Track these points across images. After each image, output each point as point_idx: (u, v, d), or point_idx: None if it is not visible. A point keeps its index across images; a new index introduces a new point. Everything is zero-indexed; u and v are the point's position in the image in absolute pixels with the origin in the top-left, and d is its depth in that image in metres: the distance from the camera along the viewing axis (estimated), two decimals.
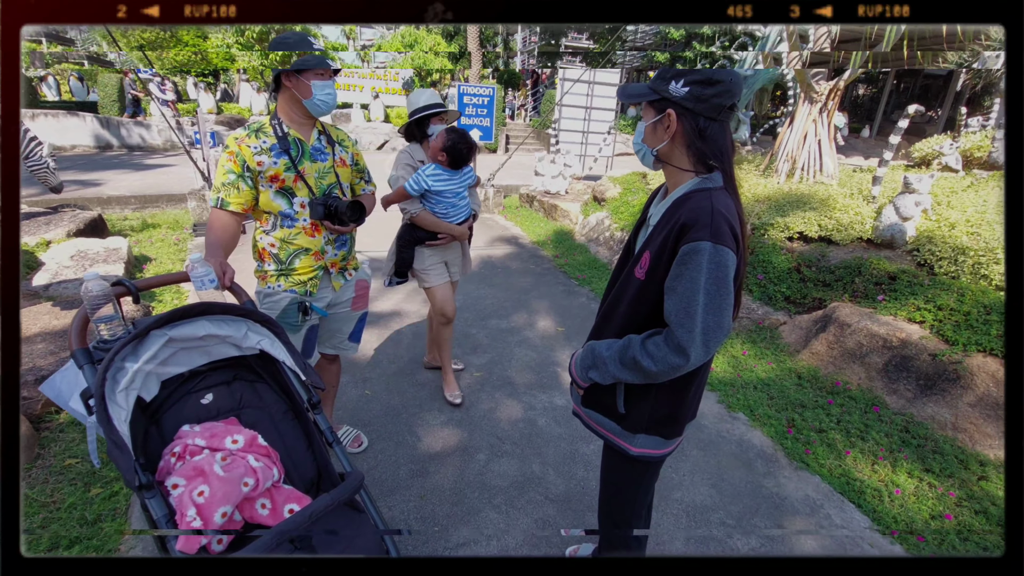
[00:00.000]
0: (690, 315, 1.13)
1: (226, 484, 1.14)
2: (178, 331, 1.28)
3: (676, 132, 1.21)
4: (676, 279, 1.16)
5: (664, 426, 1.36)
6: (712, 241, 1.12)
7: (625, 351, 1.25)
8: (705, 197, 1.17)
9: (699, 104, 1.16)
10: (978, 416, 2.67)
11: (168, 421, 1.33)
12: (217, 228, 1.78)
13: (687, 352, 1.14)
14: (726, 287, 1.13)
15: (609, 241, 5.75)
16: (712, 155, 1.20)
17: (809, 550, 2.06)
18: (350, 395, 2.92)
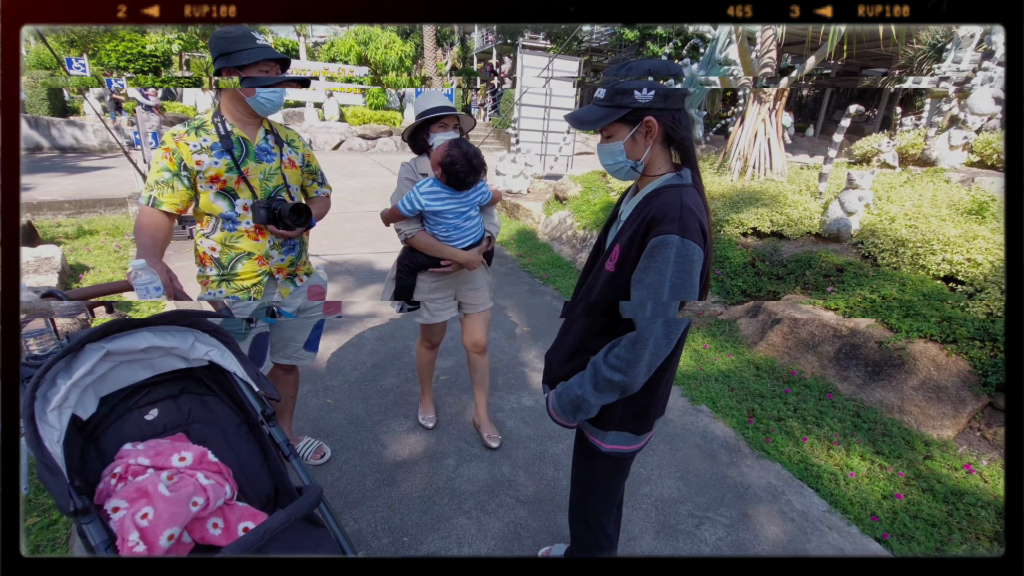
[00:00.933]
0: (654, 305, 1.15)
1: (172, 504, 1.06)
2: (117, 344, 1.18)
3: (657, 134, 1.21)
4: (643, 271, 1.17)
5: (635, 422, 1.36)
6: (680, 235, 1.12)
7: (596, 377, 1.24)
8: (675, 192, 1.18)
9: (668, 101, 1.17)
10: (921, 399, 2.82)
11: (108, 440, 1.23)
12: (149, 227, 1.66)
13: (643, 343, 1.15)
14: (691, 280, 1.14)
15: (572, 239, 5.79)
16: (686, 142, 1.22)
17: (772, 536, 2.12)
18: (310, 405, 2.81)
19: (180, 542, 1.09)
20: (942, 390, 2.80)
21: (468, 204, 2.12)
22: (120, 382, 1.25)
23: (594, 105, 1.24)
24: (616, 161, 1.27)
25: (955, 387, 2.78)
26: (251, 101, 1.71)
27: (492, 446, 2.54)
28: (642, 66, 1.19)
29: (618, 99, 1.18)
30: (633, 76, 1.18)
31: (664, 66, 1.19)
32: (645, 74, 1.18)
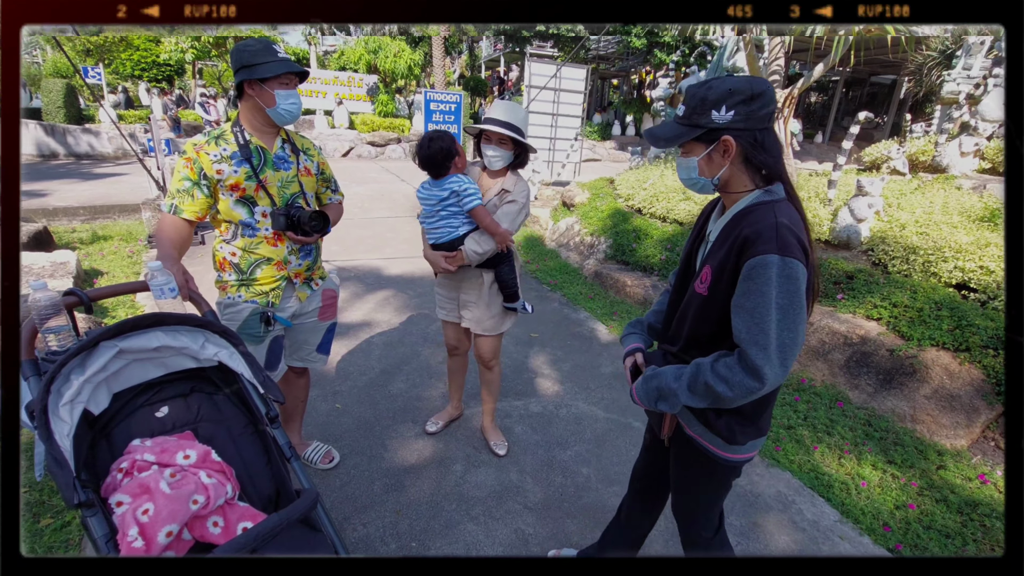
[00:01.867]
0: (764, 332, 1.07)
1: (172, 502, 1.07)
2: (130, 342, 1.20)
3: (735, 154, 1.18)
4: (744, 296, 1.11)
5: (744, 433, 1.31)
6: (780, 254, 1.07)
7: (696, 379, 1.18)
8: (768, 210, 1.14)
9: (749, 121, 1.14)
10: (934, 408, 2.78)
11: (119, 435, 1.25)
12: (170, 232, 1.71)
13: (762, 372, 1.08)
14: (799, 301, 1.08)
15: (579, 246, 5.79)
16: (771, 162, 1.17)
17: (783, 546, 2.09)
18: (320, 409, 2.82)
19: (179, 539, 1.11)
20: (955, 399, 2.76)
21: (435, 198, 2.08)
22: (133, 379, 1.28)
23: (674, 122, 1.24)
24: (690, 176, 1.26)
25: (968, 396, 2.74)
26: (271, 112, 1.75)
27: (499, 453, 2.53)
28: (723, 85, 1.15)
29: (695, 118, 1.17)
30: (714, 95, 1.15)
31: (748, 84, 1.14)
32: (726, 94, 1.14)
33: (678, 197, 5.28)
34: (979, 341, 2.82)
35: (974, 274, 3.20)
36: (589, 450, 2.62)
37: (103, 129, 12.37)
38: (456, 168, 2.07)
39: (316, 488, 1.24)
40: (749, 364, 1.09)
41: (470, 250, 2.08)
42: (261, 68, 1.67)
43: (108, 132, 12.21)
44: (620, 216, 5.59)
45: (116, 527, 1.04)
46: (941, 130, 6.14)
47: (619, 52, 18.92)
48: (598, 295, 4.74)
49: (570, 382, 3.26)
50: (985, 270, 3.18)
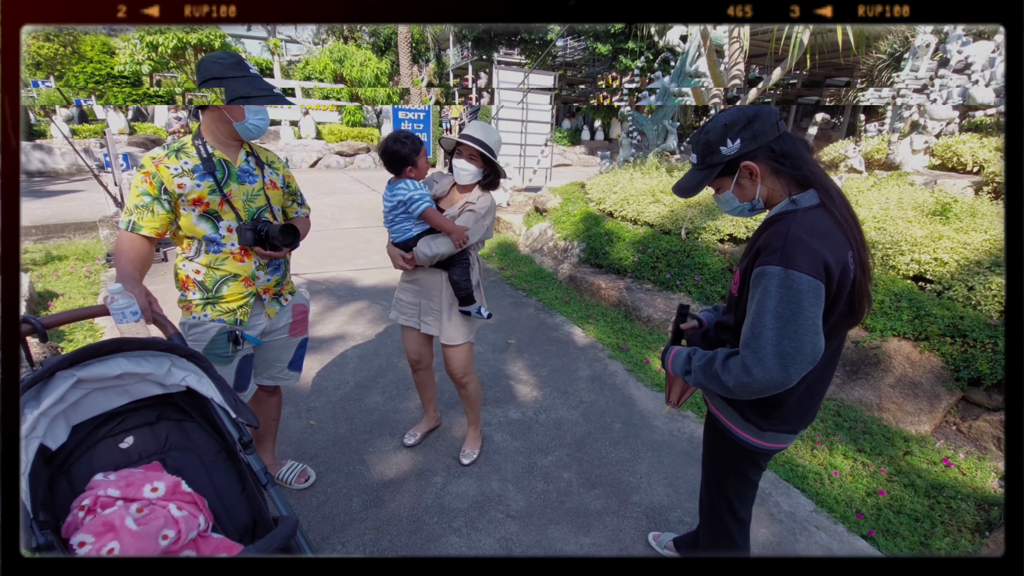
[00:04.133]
0: (755, 336, 1.15)
1: (140, 539, 1.02)
2: (89, 371, 1.14)
3: (761, 173, 1.23)
4: (749, 301, 1.20)
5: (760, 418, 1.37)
6: (782, 266, 1.12)
7: (711, 363, 1.27)
8: (785, 221, 1.19)
9: (759, 139, 1.20)
10: (898, 395, 2.89)
11: (80, 470, 1.18)
12: (129, 252, 1.64)
13: (751, 372, 1.15)
14: (802, 312, 1.11)
15: (553, 251, 5.82)
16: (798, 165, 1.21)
17: (762, 539, 2.13)
18: (293, 427, 2.75)
19: None
20: (917, 386, 2.87)
21: (388, 204, 2.15)
22: (93, 410, 1.22)
23: (692, 170, 1.31)
24: (733, 208, 1.33)
25: (929, 383, 2.86)
26: (240, 127, 1.71)
27: (463, 462, 2.50)
28: (718, 122, 1.22)
29: (708, 160, 1.25)
30: (714, 135, 1.22)
31: (740, 112, 1.21)
32: (724, 129, 1.21)
33: (648, 200, 5.37)
34: (937, 330, 2.94)
35: (929, 266, 3.34)
36: (570, 454, 2.62)
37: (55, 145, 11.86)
38: (411, 174, 2.12)
39: (295, 515, 1.20)
40: (743, 362, 1.17)
41: (420, 251, 2.11)
42: (232, 82, 1.64)
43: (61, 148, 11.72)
44: (592, 220, 5.65)
45: None
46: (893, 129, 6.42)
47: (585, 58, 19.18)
48: (573, 299, 4.77)
49: (548, 387, 3.27)
50: (939, 262, 3.33)
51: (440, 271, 2.20)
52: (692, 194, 1.31)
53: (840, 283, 1.17)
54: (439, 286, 2.23)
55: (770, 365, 1.12)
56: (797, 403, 1.35)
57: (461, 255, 2.17)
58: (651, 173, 6.47)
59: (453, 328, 2.27)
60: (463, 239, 2.10)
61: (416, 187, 2.10)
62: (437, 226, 2.11)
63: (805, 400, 1.37)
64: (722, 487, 1.55)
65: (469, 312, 2.24)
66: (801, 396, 1.34)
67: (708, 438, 1.59)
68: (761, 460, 1.47)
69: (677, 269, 4.35)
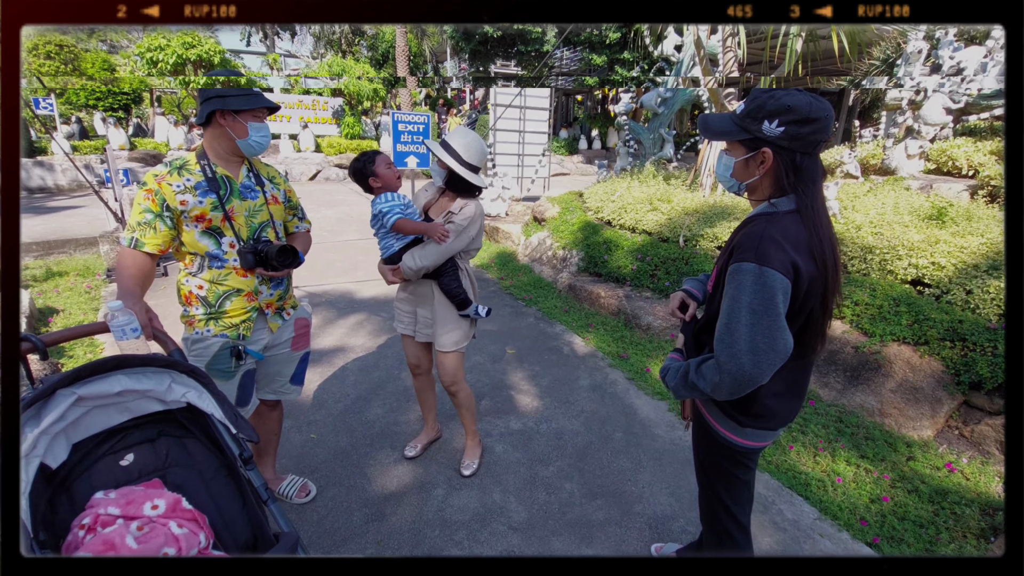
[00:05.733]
0: (730, 331, 1.16)
1: None
2: (89, 388, 1.15)
3: (769, 168, 1.22)
4: (724, 298, 1.21)
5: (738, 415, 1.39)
6: (757, 263, 1.14)
7: (686, 376, 1.29)
8: (761, 222, 1.21)
9: (795, 142, 1.17)
10: (900, 401, 2.89)
11: (80, 488, 1.18)
12: (131, 268, 1.65)
13: (723, 367, 1.16)
14: (775, 307, 1.13)
15: (552, 260, 5.84)
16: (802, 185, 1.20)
17: (766, 547, 2.11)
18: (294, 441, 2.74)
19: None
20: (918, 391, 2.86)
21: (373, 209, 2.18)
22: (94, 427, 1.22)
23: (728, 117, 1.27)
24: (724, 174, 1.34)
25: (930, 387, 2.85)
26: (242, 143, 1.75)
27: (463, 473, 2.50)
28: (786, 99, 1.16)
29: (747, 122, 1.22)
30: (772, 105, 1.17)
31: (808, 106, 1.15)
32: (784, 109, 1.16)
33: (646, 208, 5.39)
34: (936, 334, 2.94)
35: (927, 270, 3.35)
36: (571, 465, 2.62)
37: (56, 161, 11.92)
38: (376, 184, 2.18)
39: (296, 530, 1.19)
40: (715, 361, 1.19)
41: (405, 265, 2.15)
42: (235, 99, 1.68)
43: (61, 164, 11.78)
44: (590, 229, 5.67)
45: None
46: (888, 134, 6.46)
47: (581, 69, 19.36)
48: (573, 308, 4.77)
49: (549, 397, 3.26)
50: (937, 266, 3.34)
51: (430, 280, 2.24)
52: (713, 138, 1.31)
53: (808, 290, 1.19)
54: (430, 295, 2.27)
55: (743, 360, 1.14)
56: (775, 399, 1.36)
57: (448, 264, 2.19)
58: (648, 181, 6.50)
59: (446, 335, 2.30)
60: (442, 234, 2.10)
61: (388, 200, 2.13)
62: (412, 232, 2.14)
63: (786, 394, 1.38)
64: (715, 489, 1.56)
65: (468, 314, 2.27)
66: (780, 392, 1.35)
67: (695, 438, 1.61)
68: (745, 459, 1.47)
69: (676, 276, 4.36)
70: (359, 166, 2.16)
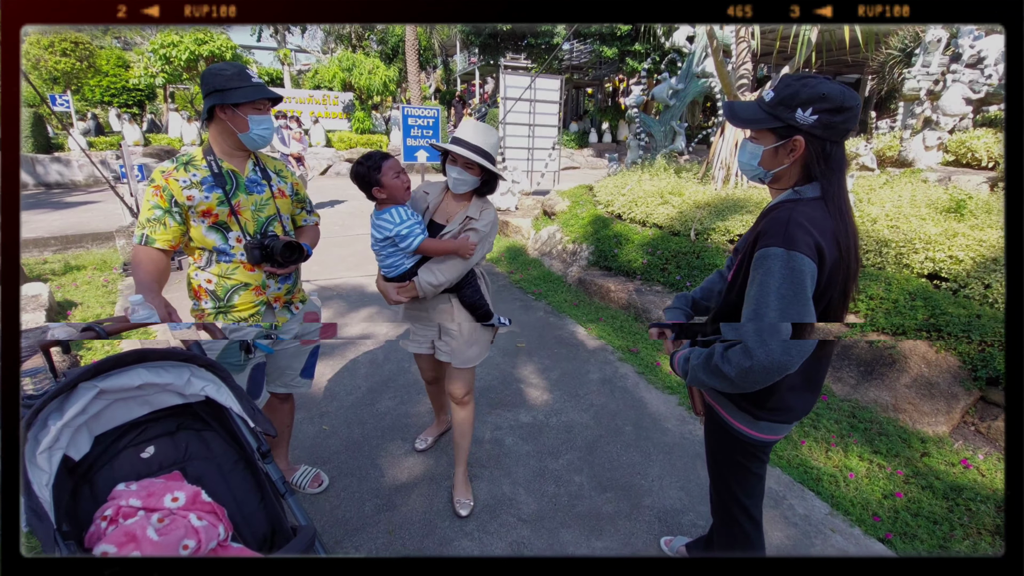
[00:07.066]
0: (759, 317, 1.14)
1: (161, 549, 1.04)
2: (110, 382, 1.17)
3: (799, 156, 1.21)
4: (750, 284, 1.19)
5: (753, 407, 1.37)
6: (785, 247, 1.13)
7: (709, 359, 1.26)
8: (787, 209, 1.20)
9: (827, 131, 1.17)
10: (914, 396, 2.85)
11: (102, 480, 1.21)
12: (146, 264, 1.67)
13: (753, 355, 1.12)
14: (803, 292, 1.12)
15: (562, 254, 5.83)
16: (830, 173, 1.20)
17: (776, 542, 2.11)
18: (306, 432, 2.78)
19: None
20: (934, 386, 2.83)
21: (375, 236, 1.93)
22: (115, 420, 1.25)
23: (756, 104, 1.25)
24: (750, 162, 1.30)
25: (946, 383, 2.82)
26: (244, 137, 1.74)
27: (461, 514, 2.21)
28: (819, 87, 1.15)
29: (779, 110, 1.19)
30: (806, 94, 1.15)
31: (841, 95, 1.14)
32: (818, 97, 1.14)
33: (656, 201, 5.36)
34: (953, 329, 2.90)
35: (944, 264, 3.30)
36: (581, 458, 2.63)
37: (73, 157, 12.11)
38: (380, 194, 1.90)
39: (313, 524, 1.21)
40: (744, 345, 1.15)
41: (424, 282, 1.90)
42: (234, 93, 1.67)
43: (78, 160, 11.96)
44: (600, 222, 5.65)
45: None
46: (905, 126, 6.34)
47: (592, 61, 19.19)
48: (582, 302, 4.77)
49: (559, 390, 3.27)
50: (954, 259, 3.29)
51: (447, 293, 2.03)
52: (742, 126, 1.27)
53: (830, 277, 1.18)
54: (450, 310, 2.07)
55: (773, 347, 1.11)
56: (792, 391, 1.35)
57: (468, 274, 1.99)
58: (659, 175, 6.45)
59: (468, 350, 2.11)
60: (470, 251, 1.92)
61: (402, 218, 1.87)
62: (439, 253, 1.92)
63: (802, 387, 1.36)
64: (727, 482, 1.55)
65: (493, 324, 2.13)
66: (796, 385, 1.34)
67: (707, 431, 1.60)
68: (758, 452, 1.46)
69: (687, 271, 4.33)
70: (362, 171, 1.88)
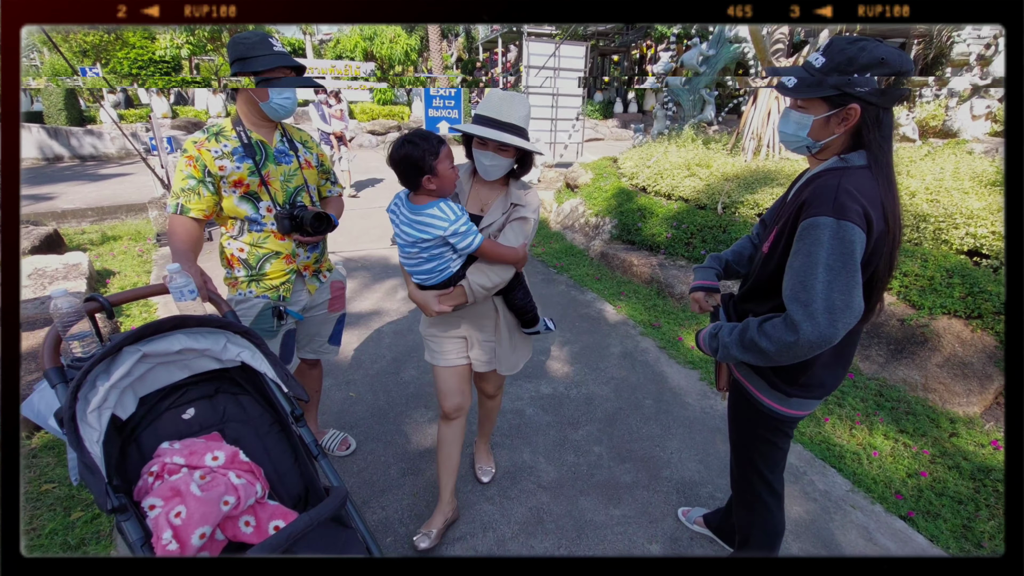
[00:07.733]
0: (806, 289, 1.09)
1: (204, 504, 1.11)
2: (152, 346, 1.23)
3: (852, 124, 1.15)
4: (794, 255, 1.14)
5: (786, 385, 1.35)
6: (835, 216, 1.08)
7: (744, 333, 1.23)
8: (835, 176, 1.14)
9: (883, 98, 1.11)
10: (946, 376, 2.79)
11: (147, 438, 1.29)
12: (181, 233, 1.72)
13: (799, 327, 1.08)
14: (852, 264, 1.08)
15: (584, 227, 5.78)
16: (881, 142, 1.15)
17: (795, 516, 2.12)
18: (334, 398, 2.88)
19: (213, 539, 1.13)
20: (967, 366, 2.76)
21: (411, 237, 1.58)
22: (158, 383, 1.31)
23: (805, 70, 1.17)
24: (796, 133, 1.23)
25: (981, 363, 2.74)
26: (264, 106, 1.75)
27: (482, 480, 2.26)
28: (877, 51, 1.08)
29: (838, 79, 1.12)
30: (865, 59, 1.09)
31: (899, 59, 1.08)
32: (877, 62, 1.08)
33: (683, 174, 5.23)
34: (992, 308, 2.80)
35: (986, 240, 3.16)
36: (601, 429, 2.66)
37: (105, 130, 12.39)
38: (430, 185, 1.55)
39: (345, 486, 1.27)
40: (788, 319, 1.12)
41: (477, 285, 1.63)
42: (255, 61, 1.67)
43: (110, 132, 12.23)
44: (624, 195, 5.56)
45: (150, 531, 1.07)
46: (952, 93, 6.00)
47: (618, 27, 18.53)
48: (605, 276, 4.74)
49: (580, 363, 3.30)
50: (998, 235, 3.15)
51: (494, 297, 1.80)
52: (792, 95, 1.19)
53: (876, 247, 1.14)
54: (491, 313, 1.83)
55: (820, 320, 1.07)
56: (824, 366, 1.32)
57: (516, 274, 1.75)
58: (687, 145, 6.28)
59: (514, 356, 1.92)
60: (526, 260, 1.70)
61: (456, 214, 1.54)
62: (498, 257, 1.62)
63: (833, 363, 1.33)
64: (751, 456, 1.55)
65: (538, 331, 1.93)
66: (828, 361, 1.31)
67: (732, 405, 1.57)
68: (786, 427, 1.45)
69: (712, 245, 4.25)
70: (417, 154, 1.49)
